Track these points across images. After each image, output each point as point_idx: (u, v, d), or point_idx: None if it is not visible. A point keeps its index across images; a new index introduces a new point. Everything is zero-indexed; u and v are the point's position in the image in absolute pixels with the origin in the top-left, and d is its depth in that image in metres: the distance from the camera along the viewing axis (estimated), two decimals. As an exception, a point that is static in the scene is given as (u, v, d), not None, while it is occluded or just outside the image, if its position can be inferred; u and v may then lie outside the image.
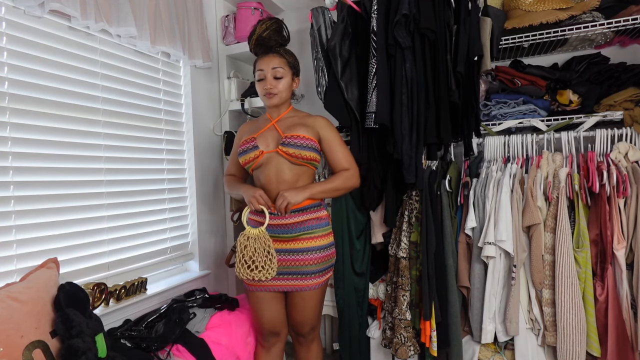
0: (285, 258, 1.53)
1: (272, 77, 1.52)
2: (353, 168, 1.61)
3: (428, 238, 1.68)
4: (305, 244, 1.52)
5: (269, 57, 1.54)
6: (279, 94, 1.54)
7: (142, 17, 1.70)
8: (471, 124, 1.72)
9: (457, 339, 1.68)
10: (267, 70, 1.52)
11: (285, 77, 1.55)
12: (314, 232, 1.54)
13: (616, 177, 1.50)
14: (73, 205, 1.53)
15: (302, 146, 1.50)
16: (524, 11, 1.82)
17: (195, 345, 1.51)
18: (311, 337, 1.66)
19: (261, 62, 1.54)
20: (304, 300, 1.56)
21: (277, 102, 1.56)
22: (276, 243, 1.52)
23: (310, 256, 1.52)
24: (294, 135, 1.51)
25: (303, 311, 1.58)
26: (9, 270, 1.33)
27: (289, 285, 1.54)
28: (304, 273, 1.52)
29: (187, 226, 2.15)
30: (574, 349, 1.51)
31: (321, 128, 1.58)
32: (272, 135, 1.56)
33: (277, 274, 1.51)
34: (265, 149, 1.53)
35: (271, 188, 1.54)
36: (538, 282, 1.59)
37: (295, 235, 1.52)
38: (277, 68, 1.52)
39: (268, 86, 1.52)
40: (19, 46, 1.37)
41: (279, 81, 1.53)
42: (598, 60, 1.83)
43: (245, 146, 1.56)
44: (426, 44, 1.62)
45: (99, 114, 1.64)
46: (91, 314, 1.28)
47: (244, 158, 1.56)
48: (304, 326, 1.61)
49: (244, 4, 2.27)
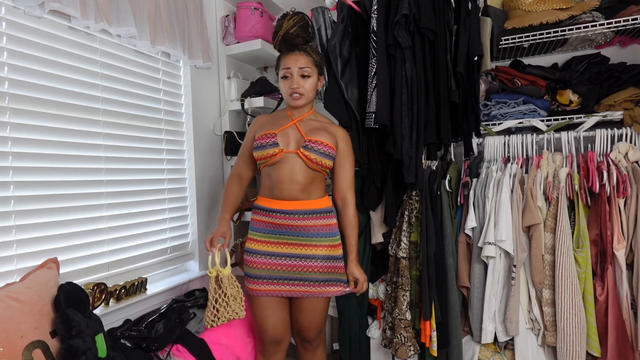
0: (290, 263, 1.50)
1: (299, 76, 1.47)
2: (352, 195, 1.60)
3: (428, 238, 1.67)
4: (311, 251, 1.49)
5: (295, 54, 1.48)
6: (305, 94, 1.49)
7: (142, 17, 1.70)
8: (471, 124, 1.72)
9: (457, 339, 1.68)
10: (294, 69, 1.46)
11: (312, 76, 1.49)
12: (320, 240, 1.50)
13: (616, 177, 1.50)
14: (73, 205, 1.53)
15: (324, 154, 1.48)
16: (524, 11, 1.82)
17: (195, 345, 1.51)
18: (317, 342, 1.63)
19: (288, 59, 1.48)
20: (312, 305, 1.53)
21: (302, 103, 1.50)
22: (284, 246, 1.51)
23: (316, 264, 1.49)
24: (318, 140, 1.47)
25: (310, 316, 1.54)
26: (9, 270, 1.33)
27: (294, 290, 1.51)
28: (310, 280, 1.50)
29: (187, 226, 2.15)
30: (574, 349, 1.51)
31: (340, 139, 1.56)
32: (293, 135, 1.50)
33: (282, 279, 1.50)
34: (285, 147, 1.48)
35: (283, 187, 1.50)
36: (538, 282, 1.59)
37: (301, 240, 1.49)
38: (304, 68, 1.47)
39: (295, 85, 1.46)
40: (19, 46, 1.37)
41: (306, 80, 1.48)
42: (598, 60, 1.83)
43: (264, 141, 1.49)
44: (426, 44, 1.62)
45: (99, 114, 1.64)
46: (91, 314, 1.28)
47: (261, 153, 1.48)
48: (310, 331, 1.57)
49: (244, 4, 2.27)
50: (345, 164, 1.57)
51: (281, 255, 1.51)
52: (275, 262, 1.51)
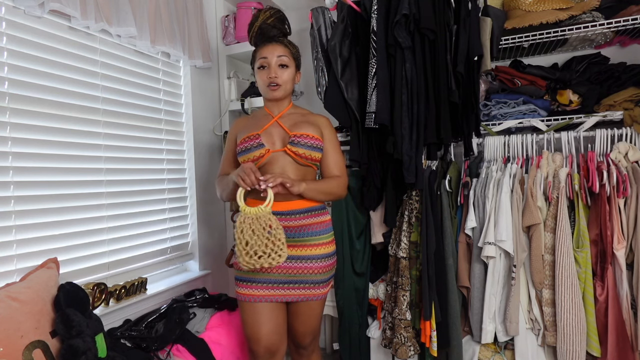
0: (290, 265, 1.41)
1: (277, 65, 1.42)
2: (343, 176, 1.51)
3: (428, 238, 1.67)
4: (311, 251, 1.42)
5: (272, 45, 1.43)
6: (283, 85, 1.43)
7: (142, 17, 1.70)
8: (471, 124, 1.72)
9: (457, 339, 1.68)
10: (272, 58, 1.41)
11: (290, 67, 1.45)
12: (319, 238, 1.44)
13: (616, 177, 1.50)
14: (73, 205, 1.53)
15: (312, 147, 1.42)
16: (524, 11, 1.82)
17: (195, 345, 1.51)
18: (312, 348, 1.56)
19: (264, 50, 1.43)
20: (310, 309, 1.46)
21: (281, 94, 1.45)
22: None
23: (316, 264, 1.42)
24: (303, 134, 1.42)
25: (307, 321, 1.48)
26: (9, 270, 1.33)
27: (294, 295, 1.42)
28: (311, 282, 1.42)
29: (187, 226, 2.15)
30: (574, 349, 1.51)
31: (324, 127, 1.50)
32: (277, 133, 1.45)
33: (280, 282, 1.40)
34: (271, 147, 1.42)
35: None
36: (538, 282, 1.59)
37: (300, 241, 1.42)
38: (282, 56, 1.42)
39: (273, 75, 1.41)
40: (19, 46, 1.37)
41: (284, 70, 1.43)
42: (598, 60, 1.83)
43: (248, 144, 1.42)
44: (426, 44, 1.62)
45: (99, 114, 1.64)
46: (91, 314, 1.28)
47: (247, 157, 1.41)
48: (306, 337, 1.51)
49: (244, 4, 2.27)
50: (331, 149, 1.50)
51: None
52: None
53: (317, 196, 1.43)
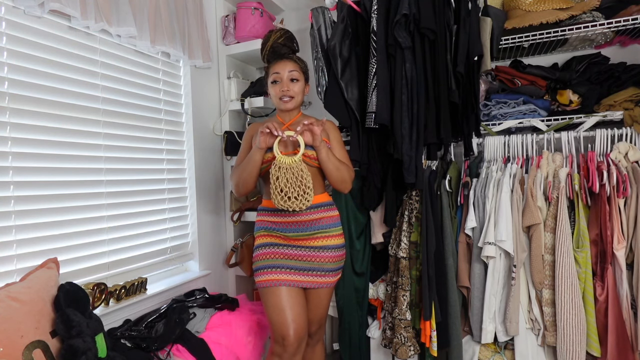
0: (305, 254, 1.54)
1: (289, 79, 1.55)
2: (351, 167, 1.61)
3: (428, 238, 1.67)
4: (322, 242, 1.55)
5: (284, 61, 1.56)
6: (295, 97, 1.56)
7: (142, 17, 1.70)
8: (471, 124, 1.72)
9: (457, 339, 1.68)
10: (284, 73, 1.54)
11: (300, 80, 1.57)
12: (329, 231, 1.56)
13: (616, 177, 1.50)
14: (73, 205, 1.53)
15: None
16: (524, 11, 1.82)
17: (195, 345, 1.51)
18: (317, 337, 1.68)
19: (277, 65, 1.56)
20: (320, 297, 1.59)
21: (292, 106, 1.57)
22: (294, 241, 1.54)
23: (328, 254, 1.55)
24: None
25: (315, 309, 1.60)
26: (9, 270, 1.33)
27: (309, 281, 1.54)
28: (324, 270, 1.55)
29: (187, 226, 2.15)
30: (574, 349, 1.51)
31: (330, 130, 1.62)
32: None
33: (297, 269, 1.52)
34: (284, 149, 1.53)
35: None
36: (538, 282, 1.59)
37: (311, 234, 1.54)
38: (293, 71, 1.55)
39: (285, 88, 1.53)
40: (19, 46, 1.37)
41: (295, 84, 1.56)
42: (598, 60, 1.83)
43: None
44: (426, 44, 1.62)
45: (99, 114, 1.64)
46: (91, 314, 1.28)
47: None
48: (313, 324, 1.62)
49: (244, 4, 2.27)
50: (337, 146, 1.60)
51: (292, 246, 1.55)
52: (287, 252, 1.54)
53: (330, 161, 1.50)
